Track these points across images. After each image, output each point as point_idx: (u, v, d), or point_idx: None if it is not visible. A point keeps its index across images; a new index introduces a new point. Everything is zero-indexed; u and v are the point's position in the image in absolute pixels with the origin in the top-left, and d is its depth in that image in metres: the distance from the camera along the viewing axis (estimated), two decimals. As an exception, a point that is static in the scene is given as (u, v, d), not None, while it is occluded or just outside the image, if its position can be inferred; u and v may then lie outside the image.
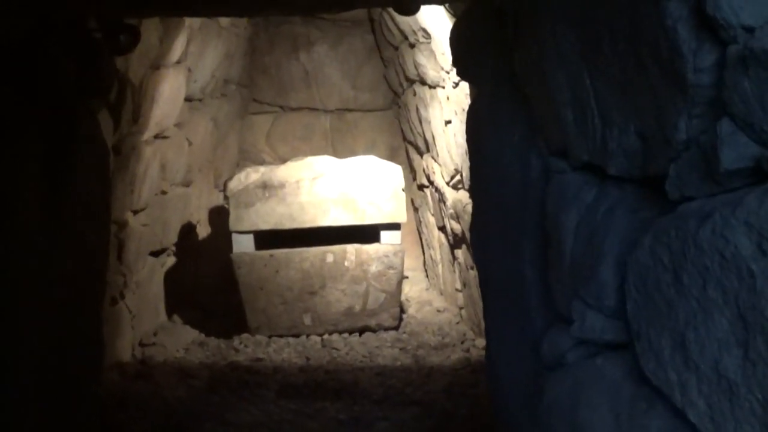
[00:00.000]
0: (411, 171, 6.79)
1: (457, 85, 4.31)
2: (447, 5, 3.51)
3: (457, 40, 2.59)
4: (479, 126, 2.43)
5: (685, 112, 1.21)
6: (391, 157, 6.72)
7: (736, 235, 1.08)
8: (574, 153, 1.77)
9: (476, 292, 4.44)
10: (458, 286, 5.18)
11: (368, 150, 6.69)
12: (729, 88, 1.07)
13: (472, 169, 2.71)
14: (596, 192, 1.72)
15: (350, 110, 7.07)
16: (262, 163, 6.76)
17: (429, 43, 4.82)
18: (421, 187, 6.33)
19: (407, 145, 6.82)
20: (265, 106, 7.05)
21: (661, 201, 1.46)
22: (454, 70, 3.06)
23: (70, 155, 2.67)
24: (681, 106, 1.21)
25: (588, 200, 1.73)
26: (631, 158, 1.50)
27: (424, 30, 4.73)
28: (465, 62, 2.55)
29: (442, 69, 4.66)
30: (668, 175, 1.34)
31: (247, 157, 6.96)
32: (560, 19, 1.65)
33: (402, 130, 6.93)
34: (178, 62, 4.53)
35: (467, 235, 4.43)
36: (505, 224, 2.29)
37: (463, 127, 3.89)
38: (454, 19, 3.41)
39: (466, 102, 4.08)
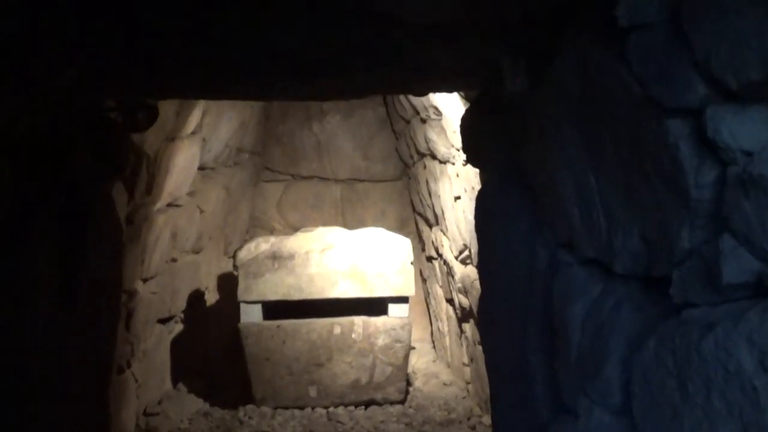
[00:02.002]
0: (420, 241, 6.80)
1: (467, 162, 4.36)
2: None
3: (467, 128, 2.64)
4: (488, 212, 2.46)
5: (687, 223, 1.23)
6: (401, 227, 6.74)
7: (738, 350, 1.09)
8: (581, 248, 1.79)
9: (484, 368, 4.40)
10: (465, 360, 5.14)
11: (378, 219, 6.73)
12: (730, 206, 1.10)
13: (480, 251, 2.73)
14: (602, 287, 1.73)
15: (361, 180, 7.13)
16: (272, 230, 6.80)
17: (440, 120, 4.89)
18: (429, 259, 6.32)
19: (417, 216, 6.85)
20: (277, 174, 7.12)
21: (666, 299, 1.48)
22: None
23: (85, 237, 2.71)
24: (684, 217, 1.24)
25: (594, 295, 1.75)
26: (636, 259, 1.52)
27: (435, 108, 4.81)
28: (474, 150, 2.59)
29: (452, 146, 4.72)
30: (672, 278, 1.36)
31: (258, 224, 7.00)
32: (565, 119, 1.70)
33: (412, 201, 6.97)
34: (193, 133, 4.61)
35: (475, 309, 4.42)
36: (511, 310, 2.30)
37: (472, 204, 3.92)
38: (465, 102, 3.48)
39: (475, 180, 4.12)
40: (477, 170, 4.02)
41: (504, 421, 2.46)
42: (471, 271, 4.59)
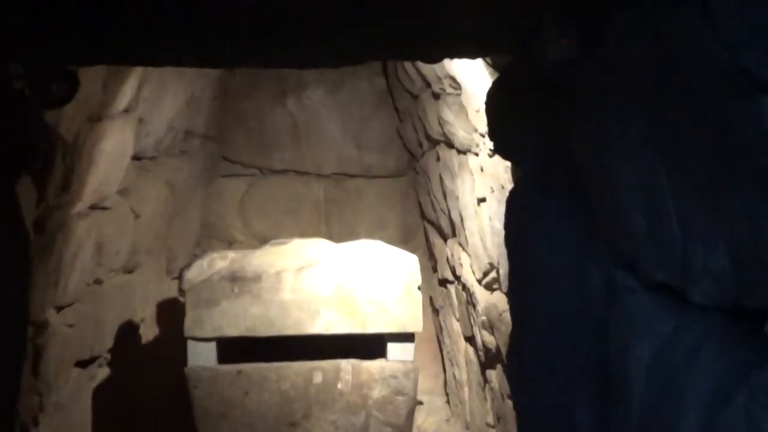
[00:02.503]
0: (431, 259, 6.80)
1: (494, 153, 4.37)
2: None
3: (494, 107, 2.65)
4: (522, 219, 2.47)
5: (791, 236, 1.24)
6: (405, 239, 6.74)
7: None
8: (647, 269, 1.79)
9: (514, 430, 4.40)
10: (490, 419, 5.13)
11: (375, 230, 6.73)
12: None
13: (511, 273, 2.74)
14: (675, 322, 1.74)
15: (352, 176, 7.14)
16: (231, 244, 6.80)
17: (459, 95, 4.90)
18: (443, 283, 6.33)
19: (427, 225, 6.85)
20: (238, 167, 7.13)
21: (762, 339, 1.48)
22: (491, 138, 3.11)
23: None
24: (786, 228, 1.24)
25: (665, 332, 1.76)
26: (721, 284, 1.53)
27: (453, 79, 4.82)
28: (504, 137, 2.60)
29: (475, 130, 4.73)
30: (770, 311, 1.37)
31: (213, 235, 6.99)
32: (627, 96, 1.70)
33: (420, 204, 6.97)
34: (126, 111, 4.62)
35: (504, 352, 4.42)
36: (553, 352, 2.31)
37: (502, 208, 3.93)
38: (492, 72, 3.49)
39: (505, 177, 4.12)
40: (508, 163, 4.03)
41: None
42: (499, 300, 4.59)
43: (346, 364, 4.90)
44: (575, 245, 2.17)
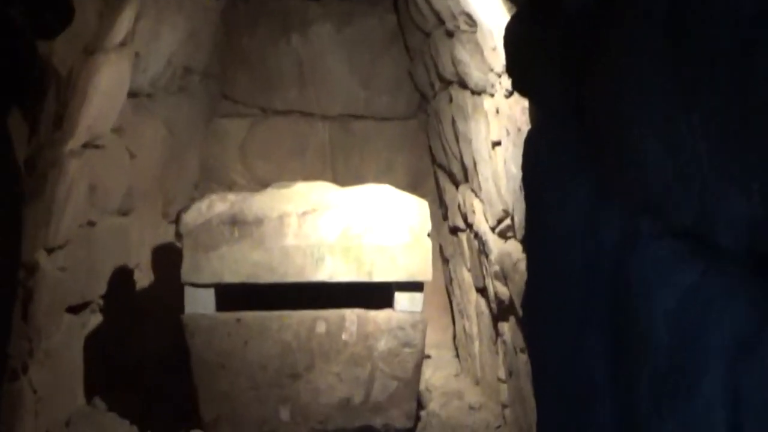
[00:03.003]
0: (441, 206, 6.80)
1: (511, 93, 4.34)
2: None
3: (513, 42, 2.62)
4: (539, 163, 2.46)
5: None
6: (415, 184, 6.73)
7: None
8: (669, 213, 1.78)
9: (527, 385, 4.42)
10: (502, 374, 5.16)
11: (382, 175, 6.71)
12: None
13: (528, 220, 2.73)
14: (701, 269, 1.73)
15: (359, 117, 7.12)
16: (232, 187, 6.79)
17: (474, 32, 4.86)
18: (454, 231, 6.33)
19: (437, 170, 6.84)
20: (240, 107, 7.10)
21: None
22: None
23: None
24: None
25: (689, 280, 1.74)
26: (752, 227, 1.51)
27: (468, 15, 4.78)
28: (523, 73, 2.58)
29: (491, 70, 4.70)
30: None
31: (212, 178, 6.99)
32: (653, 34, 1.68)
33: (431, 149, 6.95)
34: (122, 44, 4.59)
35: (517, 303, 4.43)
36: (567, 301, 2.30)
37: (518, 153, 3.92)
38: (510, 6, 3.46)
39: (522, 119, 4.10)
40: (525, 105, 4.00)
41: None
42: (514, 248, 4.59)
43: (351, 314, 4.92)
44: (594, 189, 2.15)
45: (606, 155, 2.04)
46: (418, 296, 5.00)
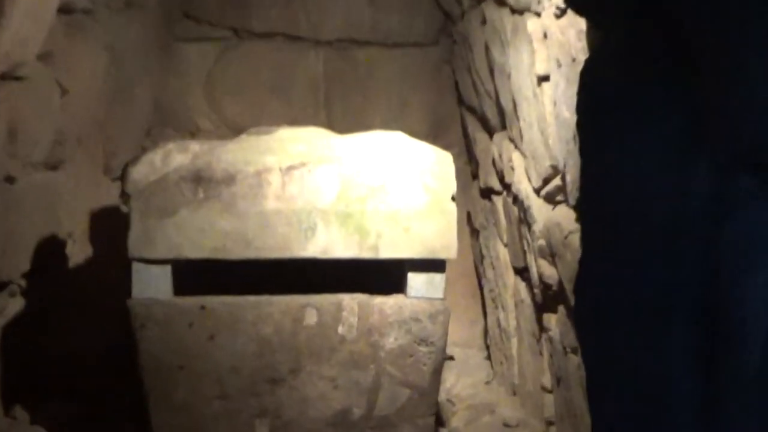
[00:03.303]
0: (470, 161, 6.80)
1: (564, 12, 4.34)
2: None
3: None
4: (602, 103, 2.45)
5: None
6: (435, 134, 6.75)
7: None
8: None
9: (580, 396, 4.44)
10: (547, 381, 5.18)
11: (393, 119, 6.74)
12: None
13: (584, 177, 2.73)
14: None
15: (363, 43, 7.12)
16: (195, 134, 6.80)
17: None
18: (487, 193, 6.34)
19: (466, 113, 6.84)
20: (206, 27, 7.10)
21: None
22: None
23: None
24: None
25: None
26: None
27: None
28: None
29: (537, -20, 4.70)
30: None
31: (169, 122, 7.00)
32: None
33: (457, 86, 6.95)
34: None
35: (569, 288, 4.44)
36: (640, 285, 2.31)
37: (572, 91, 3.90)
38: None
39: (580, 45, 4.10)
40: (582, 27, 3.99)
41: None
42: (564, 217, 4.60)
43: (351, 301, 4.93)
44: (676, 141, 2.16)
45: (700, 89, 2.03)
46: (438, 278, 5.01)
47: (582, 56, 3.87)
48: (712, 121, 2.02)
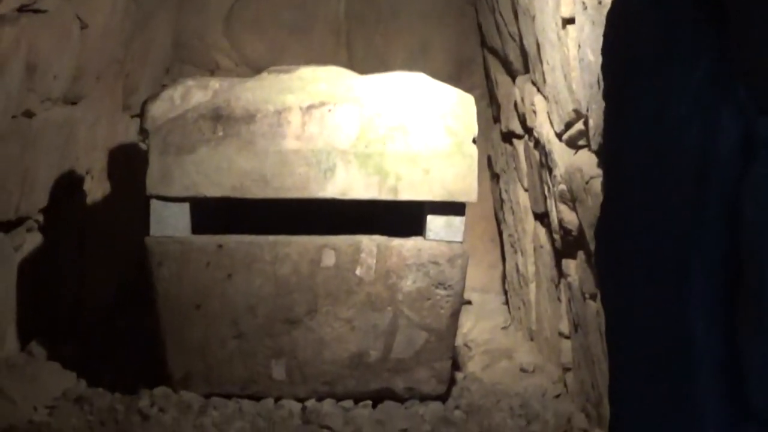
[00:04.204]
0: (492, 104, 6.78)
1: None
2: None
3: None
4: (628, 44, 2.43)
5: None
6: (458, 76, 6.72)
7: None
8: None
9: (598, 342, 4.43)
10: (564, 327, 5.17)
11: (415, 60, 6.71)
12: None
13: (607, 120, 2.70)
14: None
15: (386, -18, 7.09)
16: (214, 69, 6.78)
17: None
18: (508, 137, 6.32)
19: (488, 55, 6.81)
20: (226, -37, 7.08)
21: None
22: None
23: None
24: None
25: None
26: None
27: None
28: None
29: None
30: None
31: (188, 59, 6.98)
32: None
33: (480, 27, 6.92)
34: None
35: (589, 234, 4.43)
36: (662, 232, 2.29)
37: (598, 33, 3.87)
38: None
39: (605, -13, 4.07)
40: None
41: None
42: (586, 162, 4.58)
43: (369, 243, 4.93)
44: (704, 85, 2.13)
45: (728, 34, 2.01)
46: (457, 221, 5.00)
47: (608, -1, 3.84)
48: (739, 66, 2.00)
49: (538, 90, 5.45)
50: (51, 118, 5.22)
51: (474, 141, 4.95)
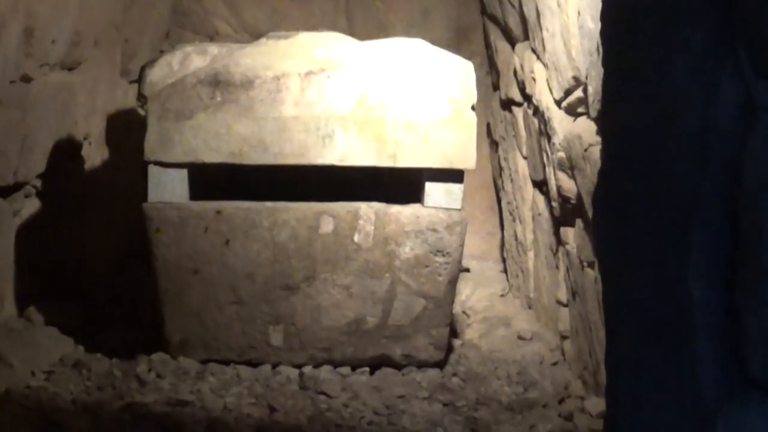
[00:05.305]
0: (492, 72, 6.76)
1: None
2: None
3: None
4: (626, 10, 2.42)
5: None
6: (457, 43, 6.71)
7: None
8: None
9: (595, 310, 4.44)
10: (562, 295, 5.18)
11: (415, 27, 6.69)
12: None
13: (606, 87, 2.70)
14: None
15: (386, -52, 7.06)
16: (213, 35, 6.76)
17: None
18: (507, 105, 6.30)
19: (488, 22, 6.79)
20: (226, -73, 7.05)
21: None
22: None
23: None
24: None
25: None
26: None
27: None
28: None
29: None
30: None
31: (187, 25, 6.97)
32: None
33: (480, -6, 6.91)
34: None
35: (587, 202, 4.42)
36: (662, 196, 2.28)
37: (598, 0, 3.86)
38: None
39: (606, -47, 4.05)
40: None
41: (628, 403, 2.49)
42: (585, 129, 4.57)
43: (367, 209, 4.93)
44: (704, 49, 2.12)
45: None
46: (456, 189, 4.99)
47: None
48: (740, 30, 1.99)
49: (538, 57, 5.44)
50: (49, 83, 5.21)
51: (473, 108, 4.95)
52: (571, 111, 4.81)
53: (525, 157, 5.90)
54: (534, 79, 5.51)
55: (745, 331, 1.91)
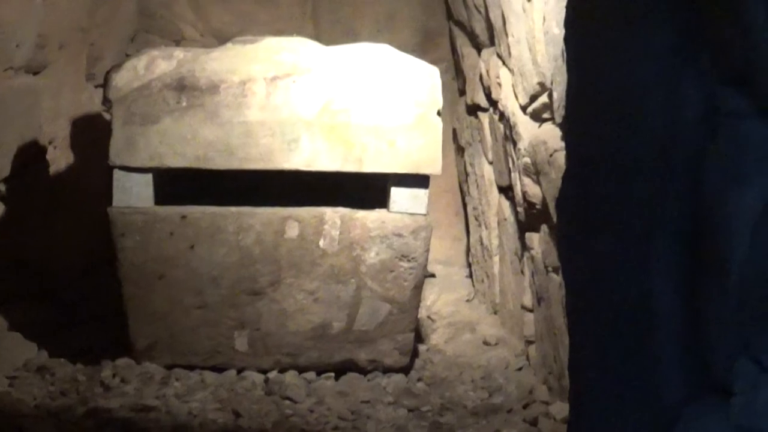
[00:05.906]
0: (458, 77, 6.77)
1: None
2: None
3: None
4: (593, 14, 2.42)
5: None
6: (423, 48, 6.70)
7: None
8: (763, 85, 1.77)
9: (560, 315, 4.44)
10: (528, 300, 5.19)
11: (381, 32, 6.69)
12: None
13: (571, 92, 2.71)
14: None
15: (352, -47, 7.06)
16: (179, 39, 6.75)
17: None
18: (473, 110, 6.31)
19: (454, 28, 6.79)
20: (192, -69, 7.04)
21: None
22: None
23: None
24: None
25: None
26: None
27: None
28: None
29: None
30: None
31: (153, 29, 6.94)
32: None
33: (446, 0, 6.89)
34: None
35: (552, 207, 4.43)
36: (623, 203, 2.29)
37: (562, 5, 3.87)
38: None
39: (571, -41, 4.06)
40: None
41: (592, 407, 2.49)
42: (550, 135, 4.58)
43: (333, 214, 4.93)
44: (667, 56, 2.13)
45: (692, 3, 2.01)
46: (421, 194, 5.00)
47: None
48: (703, 37, 2.00)
49: (503, 63, 5.44)
50: (14, 87, 5.19)
51: (439, 113, 4.96)
52: (537, 117, 4.82)
53: (491, 163, 5.90)
54: (500, 85, 5.52)
55: (707, 335, 1.92)
